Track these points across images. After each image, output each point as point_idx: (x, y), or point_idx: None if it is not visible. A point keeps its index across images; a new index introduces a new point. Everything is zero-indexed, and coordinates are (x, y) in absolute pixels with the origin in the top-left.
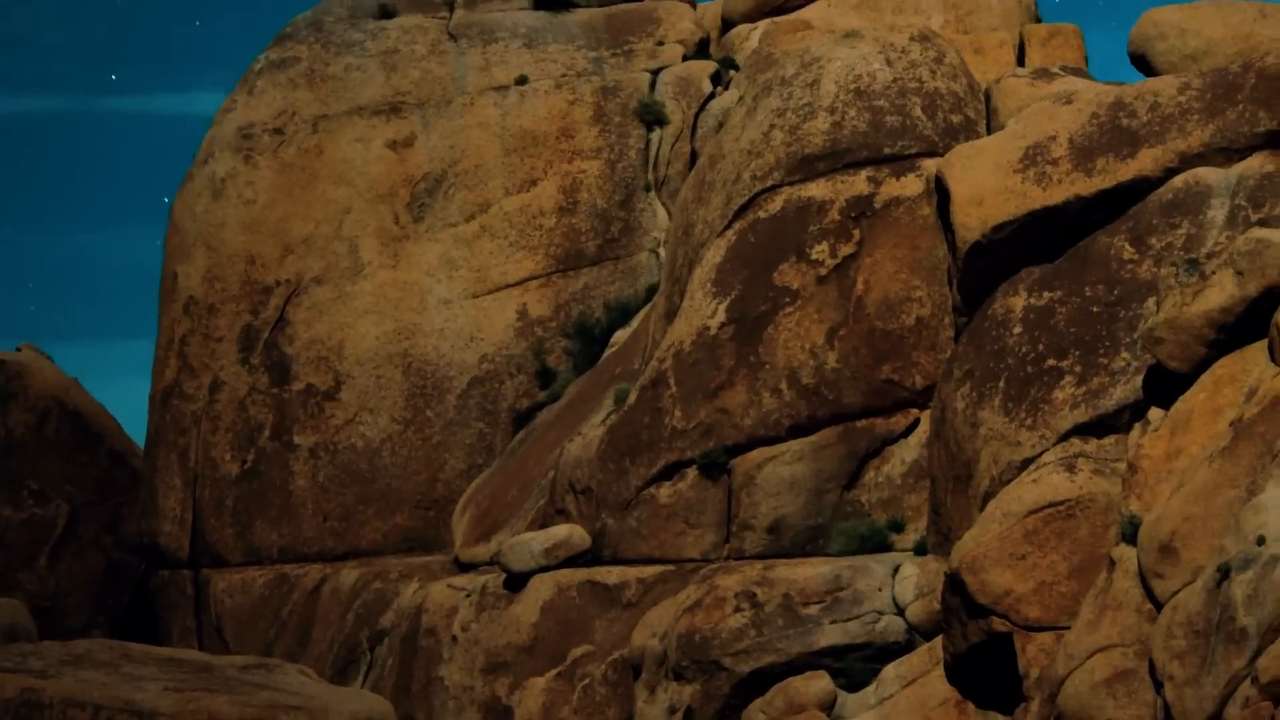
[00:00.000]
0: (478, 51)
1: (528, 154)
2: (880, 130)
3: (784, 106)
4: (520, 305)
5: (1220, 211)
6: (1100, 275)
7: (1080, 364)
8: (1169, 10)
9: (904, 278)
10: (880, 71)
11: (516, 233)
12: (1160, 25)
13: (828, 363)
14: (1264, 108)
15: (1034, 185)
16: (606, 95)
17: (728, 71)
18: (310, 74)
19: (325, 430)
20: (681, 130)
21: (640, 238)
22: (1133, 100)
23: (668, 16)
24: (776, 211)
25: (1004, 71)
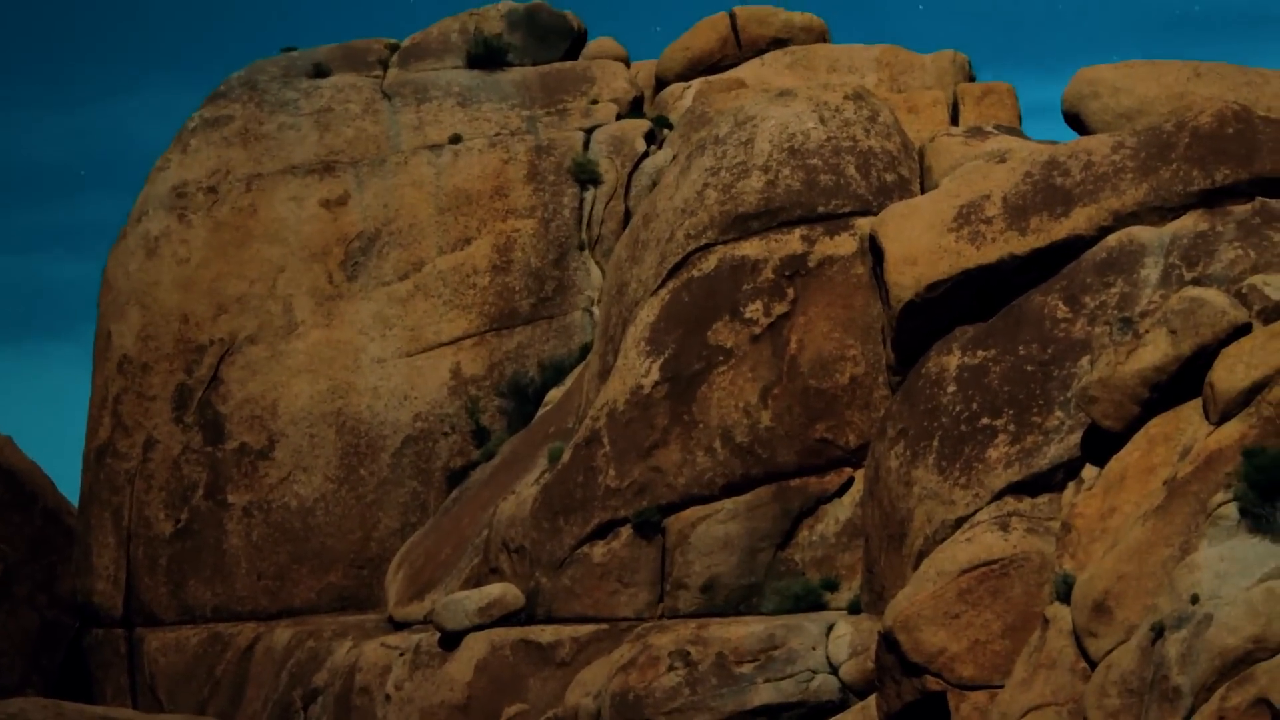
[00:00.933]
0: (411, 110)
1: (461, 213)
2: (814, 189)
3: (718, 165)
4: (454, 364)
5: (1154, 270)
6: (1034, 334)
7: (1014, 423)
8: (1103, 69)
9: (838, 336)
10: (814, 130)
11: (450, 291)
12: (1094, 83)
13: (762, 421)
14: (1198, 166)
15: (968, 244)
16: (540, 154)
17: (661, 130)
18: (244, 132)
19: (259, 489)
20: (615, 189)
21: (574, 296)
22: (1066, 159)
23: (601, 75)
24: (710, 270)
25: (938, 130)
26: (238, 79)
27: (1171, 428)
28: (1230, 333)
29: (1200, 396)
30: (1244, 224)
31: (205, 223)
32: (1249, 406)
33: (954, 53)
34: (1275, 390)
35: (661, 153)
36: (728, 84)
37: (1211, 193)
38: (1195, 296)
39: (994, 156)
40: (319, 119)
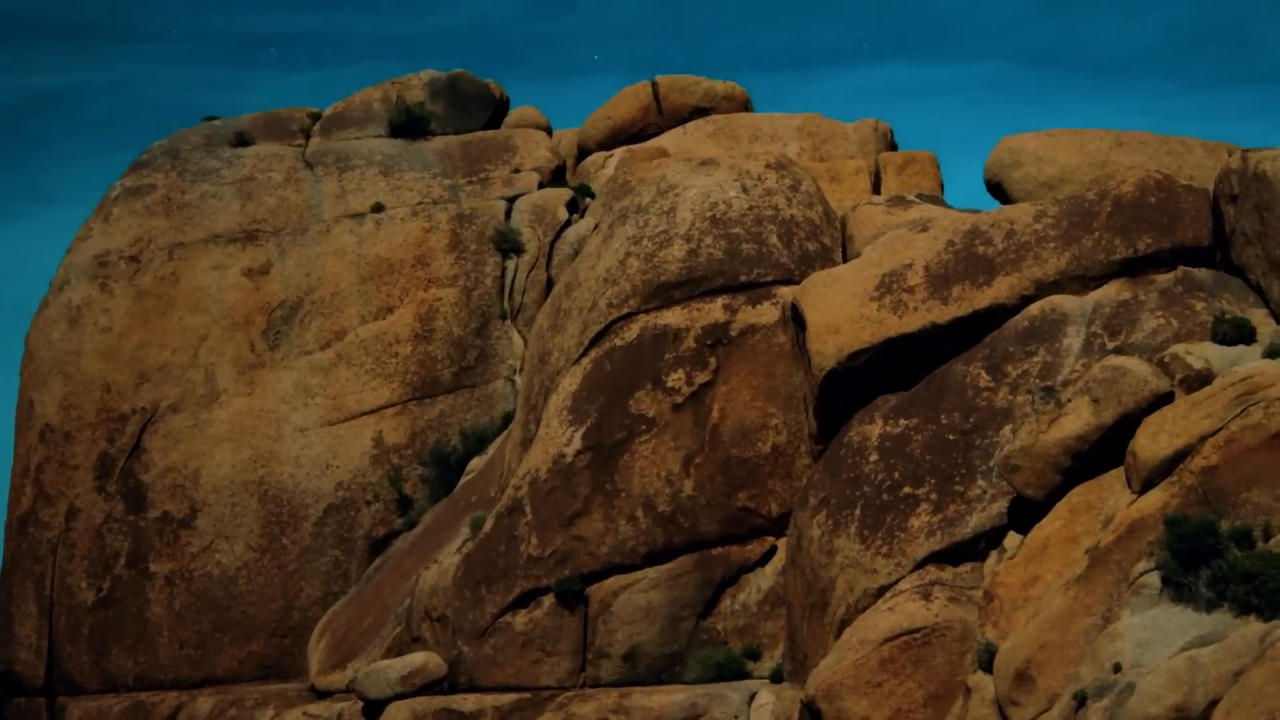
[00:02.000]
0: (334, 179)
1: (384, 281)
2: (736, 258)
3: (640, 234)
4: (376, 433)
5: (1076, 339)
6: (956, 403)
7: (936, 491)
8: (1026, 137)
9: (760, 405)
10: (736, 199)
11: (372, 360)
12: (1017, 152)
13: (684, 490)
14: (1120, 235)
15: (890, 313)
16: (462, 223)
17: (584, 199)
18: (166, 201)
19: (181, 558)
20: (537, 258)
21: (496, 365)
22: (989, 228)
23: (523, 144)
24: (633, 339)
25: (860, 199)
26: (160, 148)
27: (1094, 496)
28: (1152, 401)
29: (1123, 465)
30: (1166, 293)
31: (127, 291)
32: (1171, 475)
33: (876, 121)
34: (1197, 459)
35: (583, 221)
36: (650, 153)
37: (1134, 261)
38: (1117, 365)
39: (916, 225)
40: (241, 188)
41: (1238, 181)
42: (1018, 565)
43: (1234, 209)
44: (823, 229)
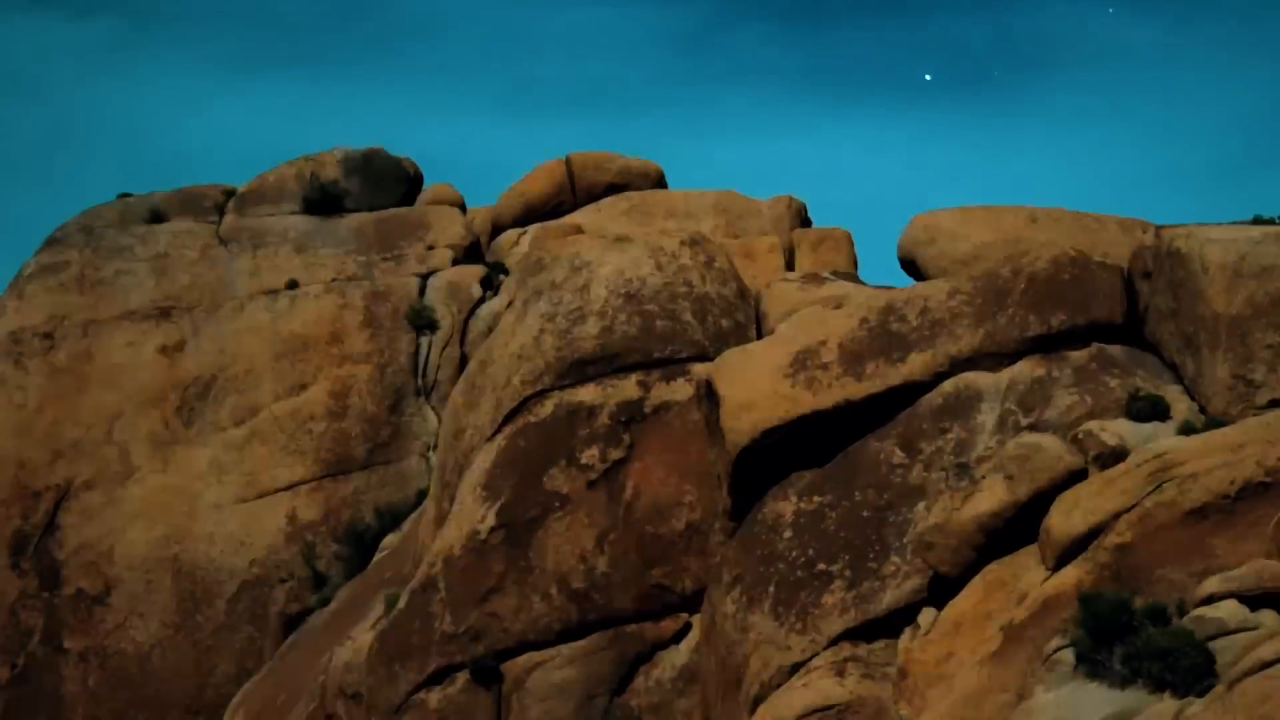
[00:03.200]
0: (248, 256)
1: (298, 358)
2: (650, 334)
3: (554, 311)
4: (290, 510)
5: (990, 416)
6: (870, 480)
7: (850, 568)
8: (939, 214)
9: (674, 482)
10: (650, 276)
11: (286, 437)
12: (930, 229)
13: (598, 567)
14: (1033, 312)
15: (804, 390)
16: (377, 299)
17: (498, 276)
18: (81, 278)
19: (96, 635)
20: (451, 335)
21: (410, 442)
22: (903, 305)
23: (437, 221)
24: (547, 416)
25: (774, 276)
26: (74, 224)
27: (1008, 573)
28: (1066, 478)
29: (1037, 542)
30: (1080, 370)
31: (42, 368)
32: (1085, 552)
33: (790, 198)
34: (1111, 536)
35: (497, 299)
36: (564, 230)
37: (1048, 338)
38: (1031, 442)
39: (830, 302)
40: (156, 265)
41: (1152, 258)
42: (932, 642)
43: (1148, 286)
44: (737, 306)
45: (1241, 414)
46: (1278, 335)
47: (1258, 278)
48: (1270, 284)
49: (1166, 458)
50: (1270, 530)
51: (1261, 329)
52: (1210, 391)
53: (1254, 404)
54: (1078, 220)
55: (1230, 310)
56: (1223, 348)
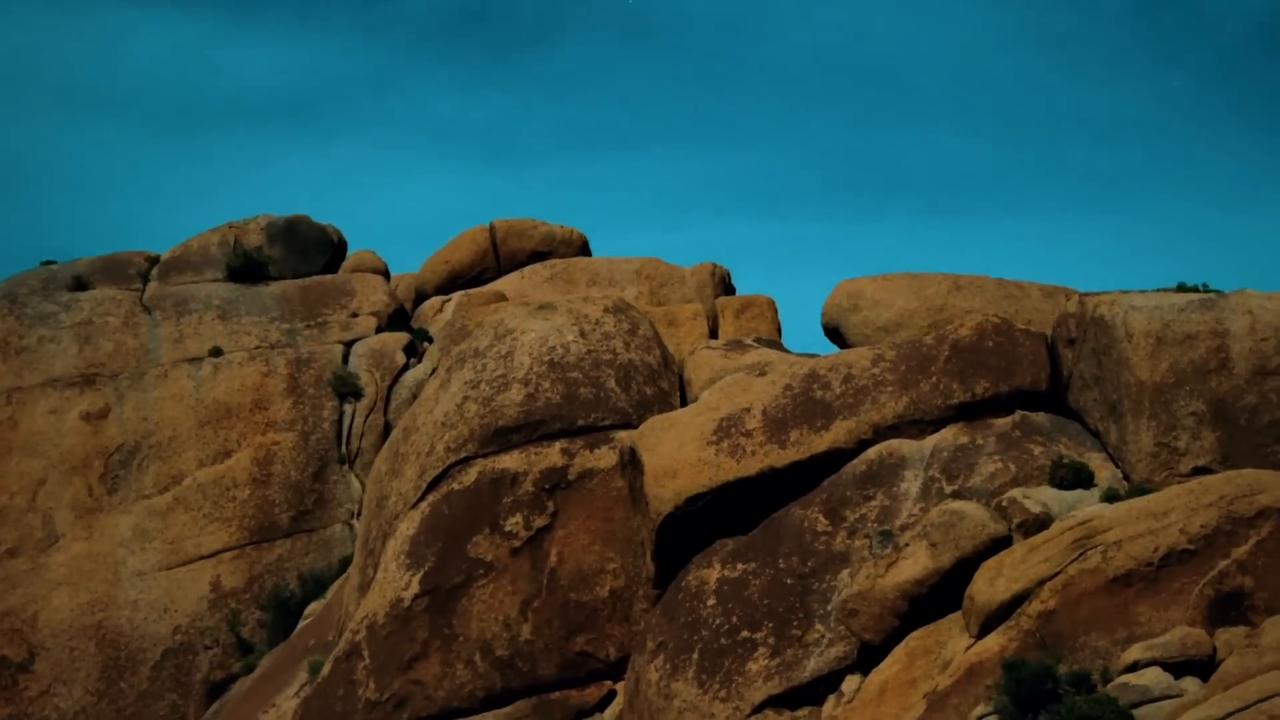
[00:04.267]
0: (172, 323)
1: (222, 425)
2: (574, 402)
3: (478, 378)
4: (214, 577)
5: (914, 483)
6: (794, 547)
7: (774, 635)
8: (863, 281)
9: (598, 549)
10: (574, 343)
11: (210, 504)
12: (854, 296)
13: (522, 634)
14: (957, 380)
15: (728, 457)
16: (300, 367)
17: (421, 343)
18: (4, 345)
19: (19, 702)
20: (375, 402)
21: (334, 510)
22: (827, 372)
23: (361, 288)
24: (470, 483)
25: (698, 343)
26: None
27: (932, 640)
28: (990, 545)
29: (961, 609)
30: (1004, 437)
31: None
32: (1009, 619)
33: (714, 265)
34: (1035, 603)
35: (421, 366)
36: (487, 297)
37: (971, 405)
38: (955, 510)
39: (754, 369)
40: (79, 332)
41: (1075, 325)
42: (856, 709)
43: (1072, 353)
44: (661, 373)
45: (1165, 481)
46: (1201, 403)
47: (1181, 345)
48: (1194, 351)
49: (1090, 525)
50: (1194, 598)
51: (1185, 396)
52: (1134, 459)
53: (1178, 471)
54: (1001, 287)
55: (1154, 377)
56: (1146, 415)
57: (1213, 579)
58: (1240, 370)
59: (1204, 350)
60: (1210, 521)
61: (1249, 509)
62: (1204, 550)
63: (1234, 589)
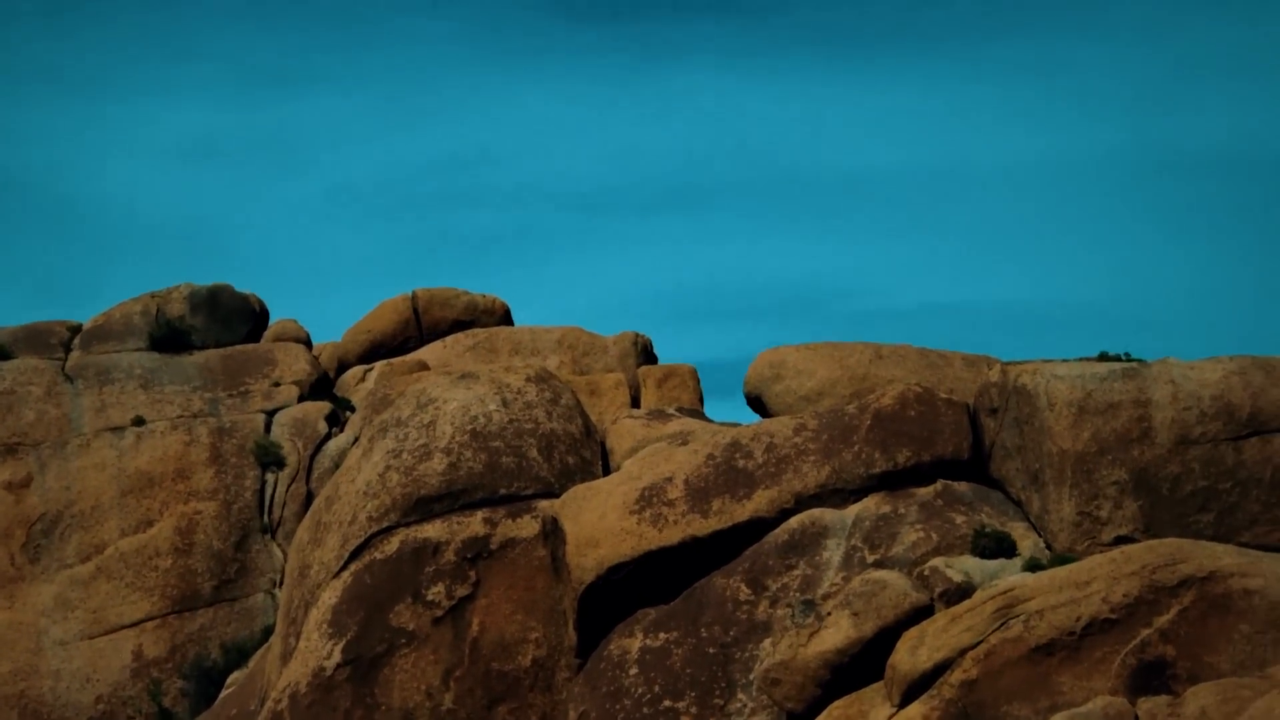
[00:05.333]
0: (94, 393)
1: (144, 495)
2: (496, 471)
3: (400, 448)
4: (136, 646)
5: (836, 553)
6: (716, 616)
7: (696, 705)
8: (785, 350)
9: (520, 619)
10: (496, 412)
11: (133, 574)
12: (776, 365)
13: (444, 704)
14: (879, 449)
15: (650, 526)
16: (223, 436)
17: (344, 412)
18: None
19: None
20: (297, 471)
21: (256, 579)
22: (749, 441)
23: (283, 357)
24: (393, 553)
25: (620, 412)
26: None
27: (855, 710)
28: (912, 615)
29: (883, 679)
30: (926, 506)
31: None
32: (931, 689)
33: (635, 334)
34: (957, 672)
35: (343, 435)
36: (409, 366)
37: (894, 474)
38: (877, 579)
39: (676, 439)
40: (1, 401)
41: (998, 394)
42: None
43: (994, 422)
44: (583, 442)
45: (1087, 550)
46: (1124, 472)
47: (1103, 414)
48: (1116, 420)
49: (1012, 594)
50: (1116, 667)
51: (1107, 465)
52: (1056, 528)
53: (1100, 540)
54: (923, 356)
55: (1076, 447)
56: (1068, 484)
57: (1135, 648)
58: (1163, 440)
59: (1126, 419)
60: (1133, 591)
61: (1171, 578)
62: (1126, 619)
63: (1156, 658)
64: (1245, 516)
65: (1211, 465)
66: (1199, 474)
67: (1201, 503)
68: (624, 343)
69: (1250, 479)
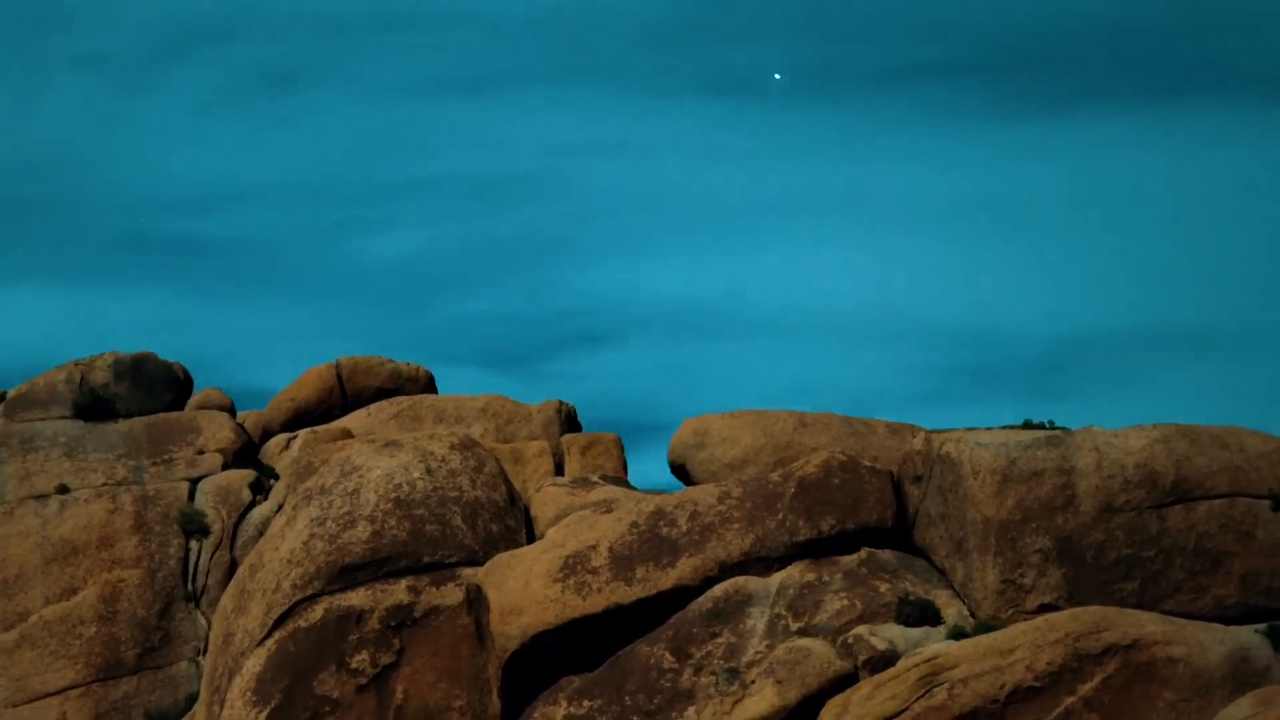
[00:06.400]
0: (18, 460)
1: (68, 563)
2: (420, 539)
3: (324, 515)
4: (61, 714)
5: (760, 620)
6: (640, 684)
7: None
8: (710, 418)
9: (444, 687)
10: (420, 480)
11: (57, 641)
12: (700, 433)
13: None
14: (803, 517)
15: (574, 594)
16: (147, 504)
17: (268, 480)
18: None
19: None
20: (221, 539)
21: (181, 647)
22: (673, 509)
23: (208, 425)
24: (317, 620)
25: (543, 480)
26: None
27: None
28: (836, 683)
29: None
30: (850, 574)
31: None
32: None
33: (559, 402)
34: None
35: (267, 503)
36: (334, 434)
37: (818, 543)
38: (801, 647)
39: (600, 506)
40: None
41: (921, 462)
42: None
43: (918, 490)
44: (507, 510)
45: (1011, 618)
46: (1047, 539)
47: (1027, 482)
48: (1040, 489)
49: (936, 662)
50: None
51: (1031, 533)
52: (980, 595)
53: (1023, 608)
54: (847, 424)
55: (1000, 515)
56: (993, 552)
57: (1059, 716)
58: (1086, 507)
59: (1050, 487)
60: (1056, 659)
61: (1095, 646)
62: (1050, 687)
63: None
64: (1169, 584)
65: (1135, 533)
66: (1123, 541)
67: (1125, 570)
68: (548, 410)
69: (1174, 546)
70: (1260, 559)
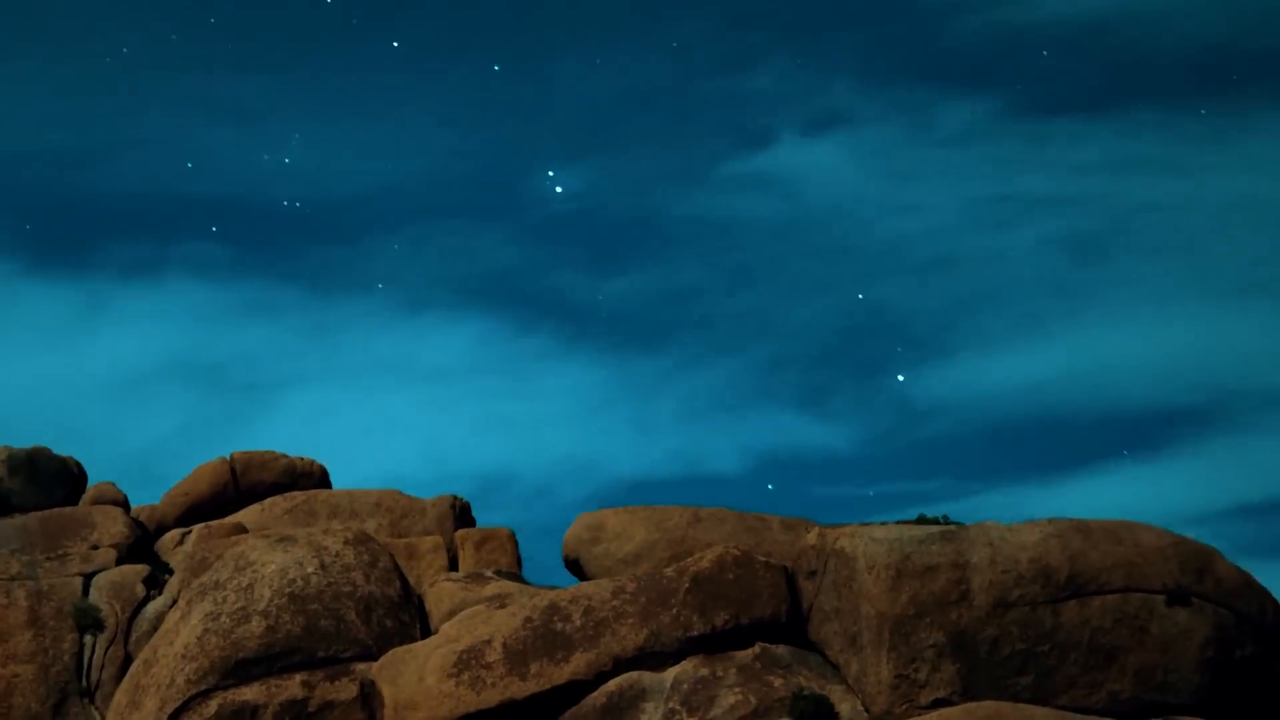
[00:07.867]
0: None
1: None
2: (314, 634)
3: (218, 610)
4: None
5: (655, 715)
6: None
7: None
8: (604, 513)
9: None
10: (314, 575)
11: None
12: (594, 529)
13: None
14: (697, 612)
15: (468, 689)
16: (40, 599)
17: (162, 575)
18: None
19: None
20: (116, 634)
21: None
22: (567, 604)
23: (101, 520)
24: (211, 715)
25: (438, 575)
26: None
27: None
28: None
29: None
30: (745, 669)
31: None
32: None
33: (454, 497)
34: None
35: (162, 598)
36: (228, 529)
37: (712, 637)
38: None
39: (494, 601)
40: None
41: (816, 557)
42: None
43: (812, 585)
44: (401, 605)
45: (905, 713)
46: (941, 634)
47: (921, 577)
48: (934, 583)
49: None
50: None
51: (925, 628)
52: (874, 690)
53: (918, 703)
54: (741, 520)
55: (894, 610)
56: (886, 646)
57: None
58: (981, 602)
59: (944, 582)
60: None
61: None
62: None
63: None
64: (1063, 679)
65: (1029, 628)
66: (1017, 636)
67: (1019, 665)
68: (442, 505)
69: (1068, 641)
70: (1154, 654)
